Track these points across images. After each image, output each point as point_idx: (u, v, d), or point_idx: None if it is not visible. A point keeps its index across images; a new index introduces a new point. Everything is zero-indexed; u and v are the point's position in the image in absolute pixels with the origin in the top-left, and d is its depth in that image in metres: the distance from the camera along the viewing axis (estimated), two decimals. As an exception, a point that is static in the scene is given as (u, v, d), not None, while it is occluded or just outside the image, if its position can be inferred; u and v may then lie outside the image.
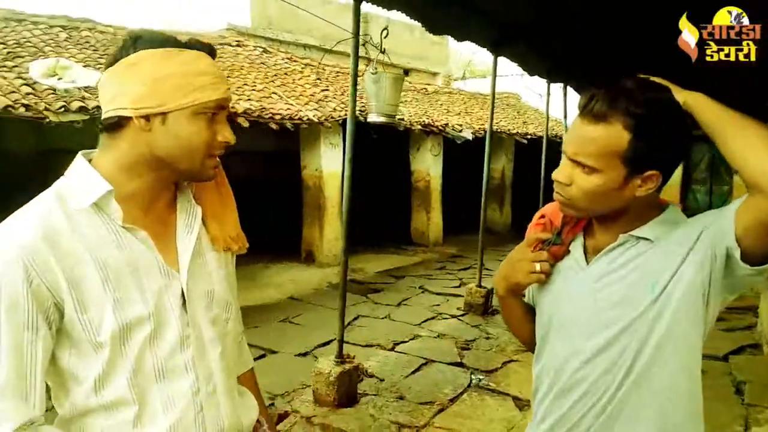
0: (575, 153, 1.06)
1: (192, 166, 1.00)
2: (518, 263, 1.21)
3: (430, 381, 4.24)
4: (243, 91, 7.12)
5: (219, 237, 1.11)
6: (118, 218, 0.96)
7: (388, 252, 9.12)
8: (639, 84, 1.05)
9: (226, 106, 1.02)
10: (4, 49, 5.80)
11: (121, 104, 0.94)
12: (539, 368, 1.26)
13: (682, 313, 1.06)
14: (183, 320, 1.01)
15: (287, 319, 5.79)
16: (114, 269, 0.94)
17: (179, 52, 0.96)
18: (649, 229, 1.11)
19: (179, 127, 0.96)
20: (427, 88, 12.59)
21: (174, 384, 0.99)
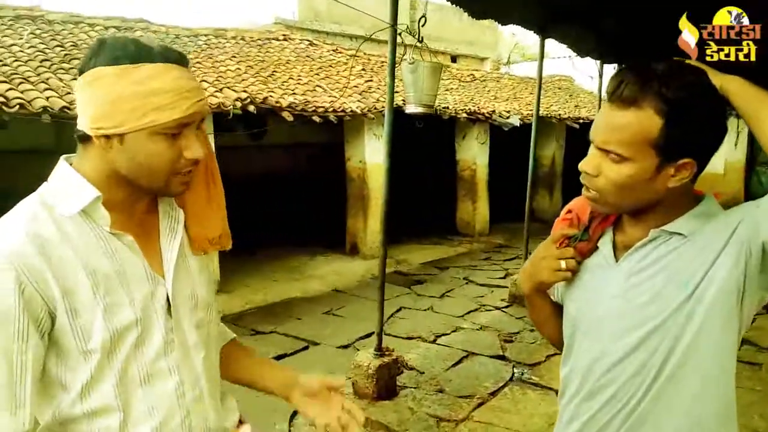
0: (604, 141, 1.00)
1: (154, 184, 0.97)
2: (543, 261, 1.17)
3: (471, 374, 4.22)
4: (288, 85, 7.22)
5: (197, 239, 1.09)
6: (106, 224, 0.95)
7: (433, 243, 9.08)
8: (672, 67, 0.99)
9: (191, 122, 0.96)
10: (61, 51, 6.09)
11: (83, 122, 0.93)
12: (567, 369, 1.22)
13: (716, 313, 1.01)
14: (167, 325, 1.00)
15: (330, 311, 5.87)
16: (103, 276, 0.93)
17: (134, 68, 0.90)
18: (682, 223, 1.05)
19: (137, 147, 0.92)
20: (475, 74, 12.38)
21: (158, 389, 0.99)
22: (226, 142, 7.50)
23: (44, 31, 6.55)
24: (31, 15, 6.83)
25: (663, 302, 1.04)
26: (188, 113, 0.93)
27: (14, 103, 4.56)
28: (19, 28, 6.40)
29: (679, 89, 0.96)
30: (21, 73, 5.22)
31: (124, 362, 0.95)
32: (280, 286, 6.73)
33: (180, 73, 0.93)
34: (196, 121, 0.97)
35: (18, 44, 5.92)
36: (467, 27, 15.47)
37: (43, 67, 5.53)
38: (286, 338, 5.11)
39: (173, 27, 8.32)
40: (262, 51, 8.58)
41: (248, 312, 5.91)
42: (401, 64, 4.26)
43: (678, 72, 0.98)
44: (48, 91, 5.01)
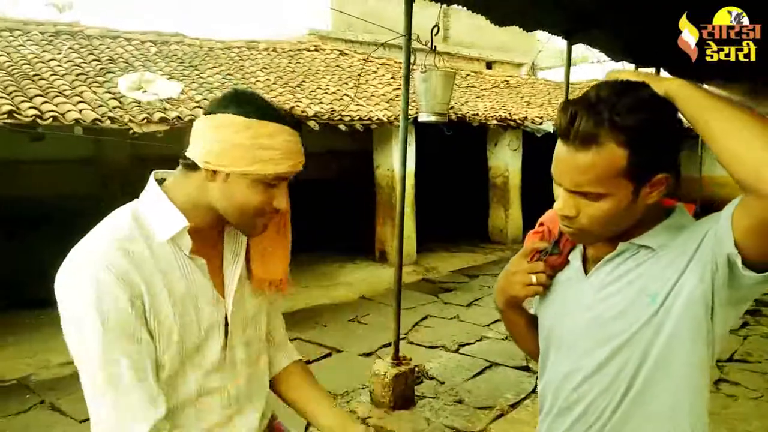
0: (575, 185, 0.97)
1: (240, 222, 1.08)
2: (514, 275, 1.15)
3: (492, 385, 4.13)
4: (316, 94, 7.29)
5: (257, 278, 1.18)
6: (187, 249, 1.06)
7: (464, 250, 8.98)
8: (616, 90, 0.94)
9: (287, 178, 1.08)
10: (97, 65, 6.32)
11: (199, 154, 1.03)
12: (542, 385, 1.20)
13: (684, 328, 0.97)
14: (222, 343, 1.11)
15: (356, 319, 5.86)
16: (180, 296, 1.04)
17: (259, 124, 1.02)
18: (651, 236, 1.02)
19: (237, 188, 1.04)
20: (509, 80, 12.25)
21: (208, 399, 1.10)
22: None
23: (82, 46, 6.82)
24: (70, 30, 7.13)
25: (631, 317, 1.01)
26: (289, 171, 1.06)
27: (48, 116, 4.75)
28: (59, 44, 6.68)
29: (631, 113, 0.91)
30: (57, 86, 5.44)
31: (183, 375, 1.06)
32: (309, 293, 6.76)
33: (291, 137, 1.06)
34: (289, 177, 1.09)
35: (56, 59, 6.18)
36: (502, 33, 15.28)
37: (79, 80, 5.75)
38: (310, 345, 5.12)
39: (207, 40, 8.53)
40: (293, 62, 8.70)
41: (275, 319, 5.95)
42: (414, 74, 4.25)
43: (623, 94, 0.93)
44: (81, 104, 5.21)
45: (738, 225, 0.89)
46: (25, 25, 6.88)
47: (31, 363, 4.54)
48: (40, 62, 5.96)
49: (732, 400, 3.83)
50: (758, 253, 0.89)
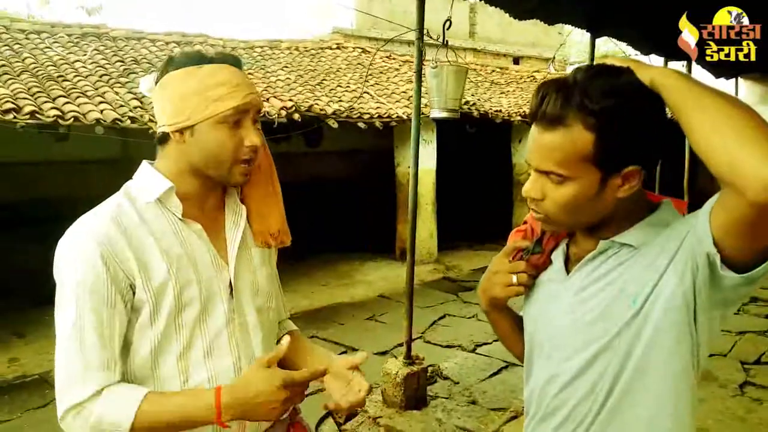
0: (540, 164, 0.94)
1: (220, 172, 1.10)
2: (495, 275, 1.11)
3: (507, 386, 4.06)
4: (336, 92, 7.29)
5: (259, 232, 1.22)
6: (178, 212, 1.10)
7: (487, 248, 8.86)
8: (591, 73, 0.91)
9: (248, 110, 1.09)
10: (121, 66, 6.44)
11: (162, 122, 1.10)
12: (527, 390, 1.16)
13: (665, 330, 0.92)
14: (230, 306, 1.14)
15: (373, 317, 5.85)
16: (175, 256, 1.08)
17: (198, 69, 1.07)
18: (633, 233, 0.97)
19: (205, 137, 1.07)
20: (535, 76, 12.06)
21: (219, 362, 1.11)
22: (284, 149, 7.70)
23: (107, 48, 6.96)
24: (96, 32, 7.28)
25: (611, 319, 0.96)
26: (243, 102, 1.07)
27: (69, 116, 4.86)
28: (84, 45, 6.83)
29: (602, 97, 0.88)
30: (80, 87, 5.55)
31: (189, 334, 1.08)
32: (328, 291, 6.78)
33: (234, 70, 1.10)
34: (251, 112, 1.11)
35: (81, 60, 6.32)
36: (530, 28, 15.07)
37: (102, 81, 5.87)
38: (326, 343, 5.12)
39: (230, 40, 8.62)
40: (315, 60, 8.73)
41: (294, 316, 5.80)
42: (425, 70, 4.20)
43: (597, 78, 0.89)
44: (103, 104, 5.31)
45: (716, 222, 0.84)
46: (52, 28, 7.06)
47: (52, 359, 4.66)
48: (65, 63, 6.10)
49: (757, 404, 3.67)
50: (737, 252, 0.83)
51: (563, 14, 4.93)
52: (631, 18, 4.85)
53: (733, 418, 3.49)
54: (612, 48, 12.78)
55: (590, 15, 4.83)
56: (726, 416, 3.50)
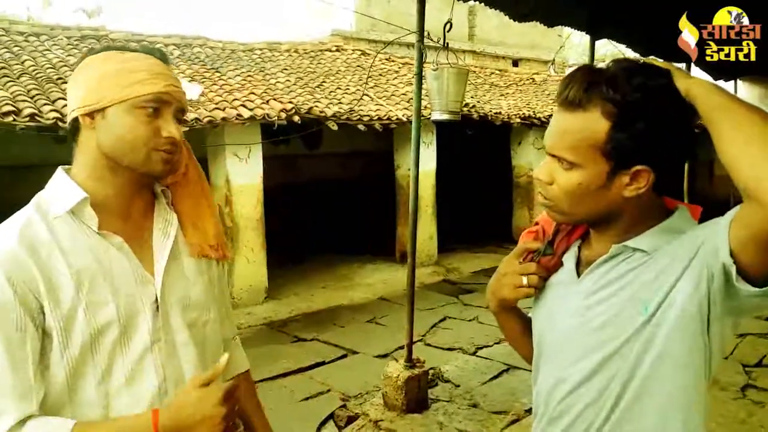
0: (552, 146, 0.95)
1: (135, 160, 1.02)
2: (505, 276, 1.10)
3: (508, 389, 4.05)
4: (335, 95, 7.28)
5: (196, 243, 1.14)
6: (94, 225, 1.00)
7: (487, 251, 8.86)
8: (626, 67, 0.91)
9: (169, 102, 1.03)
10: (121, 69, 6.43)
11: (72, 107, 1.02)
12: (535, 392, 1.15)
13: (678, 339, 0.90)
14: (155, 324, 1.04)
15: (373, 320, 5.84)
16: (88, 275, 0.98)
17: (120, 53, 1.02)
18: (646, 238, 0.96)
19: (118, 120, 1.00)
20: (535, 78, 12.06)
21: (143, 385, 1.02)
22: (283, 152, 7.69)
23: (108, 51, 6.94)
24: (96, 35, 7.26)
25: (620, 325, 0.94)
26: (164, 90, 1.01)
27: (70, 118, 4.84)
28: (84, 48, 6.80)
29: (628, 90, 0.88)
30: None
31: (107, 360, 0.99)
32: (328, 294, 6.77)
33: (159, 62, 1.04)
34: (173, 106, 1.04)
35: (81, 63, 6.31)
36: (529, 30, 15.04)
37: (102, 84, 5.85)
38: (327, 346, 5.12)
39: (230, 42, 8.61)
40: (314, 62, 8.72)
41: (293, 319, 5.97)
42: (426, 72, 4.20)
43: (629, 72, 0.89)
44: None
45: (735, 234, 0.83)
46: (51, 30, 7.04)
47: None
48: (64, 66, 6.08)
49: (759, 407, 3.66)
50: (754, 265, 0.82)
51: (562, 16, 4.93)
52: (630, 19, 4.85)
53: (735, 421, 3.49)
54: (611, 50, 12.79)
55: (589, 17, 4.83)
56: (727, 419, 3.49)
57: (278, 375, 4.45)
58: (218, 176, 6.31)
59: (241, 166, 6.25)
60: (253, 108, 6.06)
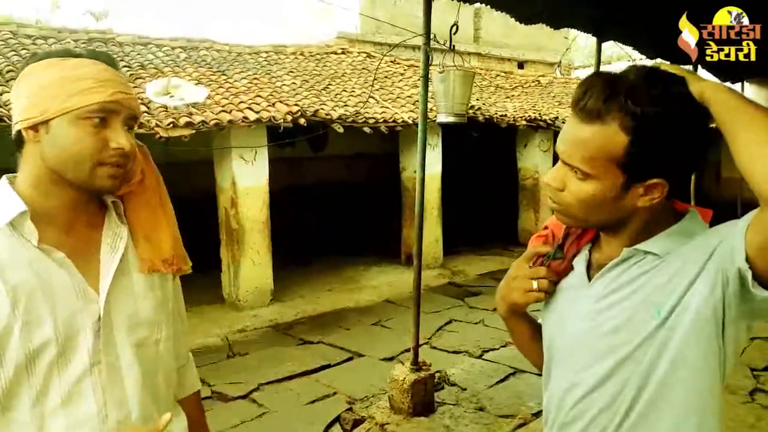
0: (568, 155, 0.94)
1: (80, 174, 0.97)
2: (514, 281, 1.10)
3: (515, 392, 4.03)
4: (341, 97, 7.29)
5: (146, 258, 1.07)
6: (34, 239, 0.95)
7: (493, 253, 8.84)
8: (644, 75, 0.89)
9: (117, 111, 0.98)
10: (128, 71, 6.45)
11: (15, 119, 0.97)
12: (546, 398, 1.14)
13: (692, 343, 0.90)
14: (95, 345, 0.98)
15: (379, 323, 5.83)
16: (25, 291, 0.93)
17: (62, 60, 0.97)
18: (658, 241, 0.95)
19: (62, 132, 0.95)
20: (540, 80, 12.04)
21: (78, 410, 0.96)
22: (289, 154, 7.69)
23: (114, 53, 6.96)
24: (103, 38, 7.30)
25: (633, 329, 0.94)
26: (111, 99, 0.96)
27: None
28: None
29: (647, 103, 0.86)
30: (87, 93, 5.56)
31: (42, 380, 0.94)
32: (333, 296, 6.76)
33: (106, 68, 0.99)
34: (122, 114, 0.99)
35: (89, 67, 6.33)
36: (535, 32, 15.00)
37: (109, 87, 5.87)
38: (332, 349, 5.11)
39: (236, 45, 8.62)
40: (320, 65, 8.73)
41: (299, 321, 5.97)
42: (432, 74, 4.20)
43: (648, 82, 0.88)
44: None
45: (751, 239, 0.83)
46: (59, 33, 7.08)
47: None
48: (72, 69, 6.12)
49: (767, 412, 3.63)
50: None
51: (568, 18, 4.91)
52: (637, 21, 4.83)
53: (743, 425, 3.46)
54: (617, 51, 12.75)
55: (596, 19, 4.82)
56: (736, 423, 3.46)
57: (284, 378, 4.45)
58: (224, 178, 6.32)
59: (247, 168, 6.26)
60: (259, 111, 6.07)
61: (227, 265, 6.42)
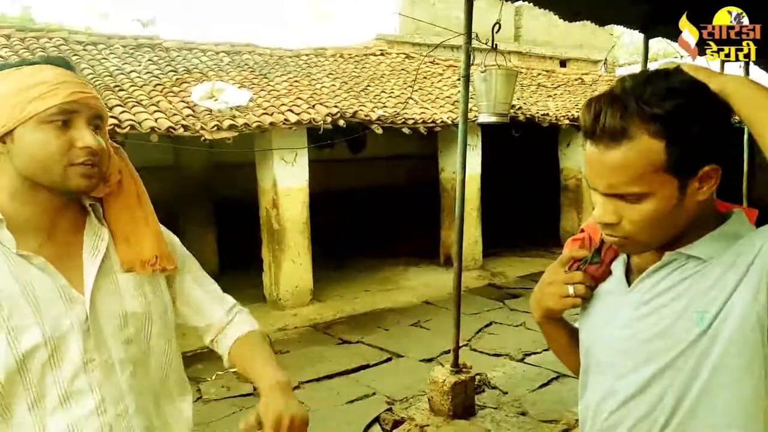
0: (612, 187, 0.88)
1: (52, 178, 0.98)
2: (549, 286, 1.06)
3: (558, 397, 3.95)
4: (380, 98, 7.31)
5: (126, 259, 1.08)
6: (12, 246, 0.96)
7: (534, 255, 8.69)
8: (642, 79, 0.86)
9: (78, 111, 0.98)
10: (174, 75, 6.63)
11: None
12: (582, 405, 1.10)
13: (735, 353, 0.85)
14: (87, 343, 1.00)
15: (418, 323, 5.81)
16: (8, 298, 0.94)
17: (17, 70, 0.97)
18: (701, 245, 0.91)
19: (27, 140, 0.96)
20: (584, 78, 11.78)
21: (77, 407, 0.99)
22: (327, 156, 7.77)
23: (161, 58, 7.17)
24: (150, 43, 7.52)
25: (674, 337, 0.90)
26: (68, 99, 0.97)
27: (126, 124, 5.03)
28: (139, 56, 7.06)
29: (662, 100, 0.83)
30: (135, 97, 5.74)
31: (38, 383, 0.96)
32: (372, 297, 6.78)
33: (61, 71, 1.00)
34: (84, 114, 0.99)
35: (136, 70, 6.54)
36: (578, 29, 14.74)
37: (156, 91, 6.05)
38: (371, 349, 5.12)
39: (277, 49, 8.76)
40: (359, 67, 8.77)
41: (338, 321, 6.01)
42: (474, 74, 4.16)
43: (650, 82, 0.85)
44: (157, 113, 5.47)
45: None
46: (108, 39, 7.33)
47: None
48: (121, 74, 6.32)
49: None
50: None
51: (614, 15, 4.78)
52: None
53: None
54: (664, 48, 12.35)
55: (643, 15, 4.68)
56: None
57: (324, 377, 4.49)
58: (266, 180, 6.42)
59: (288, 169, 6.34)
60: (299, 113, 6.15)
61: (268, 265, 6.52)
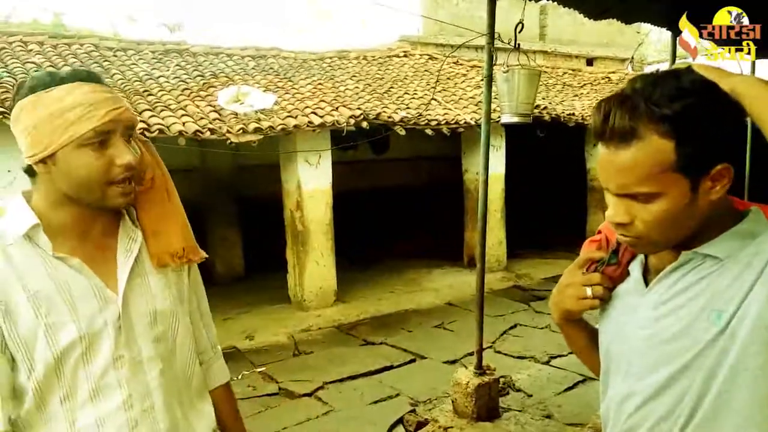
0: (622, 187, 0.89)
1: (93, 197, 1.03)
2: (567, 288, 1.07)
3: (584, 401, 3.91)
4: (403, 100, 7.32)
5: (155, 254, 1.13)
6: (49, 249, 1.02)
7: (559, 256, 8.58)
8: (651, 80, 0.86)
9: (113, 130, 1.02)
10: (201, 80, 6.75)
11: (24, 154, 1.04)
12: (603, 406, 1.11)
13: (751, 353, 0.85)
14: (118, 341, 1.05)
15: (441, 325, 5.79)
16: (45, 296, 1.00)
17: (46, 94, 1.00)
18: (718, 244, 0.91)
19: (68, 163, 1.00)
20: (611, 77, 11.63)
21: (106, 402, 1.05)
22: (351, 157, 7.81)
23: (188, 63, 7.30)
24: (178, 49, 7.66)
25: (692, 337, 0.90)
26: (103, 121, 1.00)
27: (155, 128, 5.13)
28: (167, 61, 7.19)
29: (671, 101, 0.83)
30: (164, 101, 5.86)
31: (71, 376, 1.02)
32: (395, 298, 6.78)
33: (90, 88, 1.02)
34: (119, 130, 1.03)
35: (165, 75, 6.67)
36: (604, 27, 14.54)
37: (183, 95, 6.16)
38: (395, 350, 5.13)
39: (301, 52, 8.84)
40: (382, 69, 8.80)
41: (362, 322, 6.03)
42: (496, 74, 4.13)
43: (659, 83, 0.85)
44: (185, 117, 5.57)
45: None
46: (138, 45, 7.49)
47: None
48: (150, 79, 6.45)
49: None
50: None
51: (641, 12, 4.71)
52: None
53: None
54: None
55: (670, 12, 4.60)
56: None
57: (348, 377, 4.51)
58: (290, 181, 6.49)
59: (312, 171, 6.40)
60: (323, 115, 6.20)
61: (293, 266, 6.58)
